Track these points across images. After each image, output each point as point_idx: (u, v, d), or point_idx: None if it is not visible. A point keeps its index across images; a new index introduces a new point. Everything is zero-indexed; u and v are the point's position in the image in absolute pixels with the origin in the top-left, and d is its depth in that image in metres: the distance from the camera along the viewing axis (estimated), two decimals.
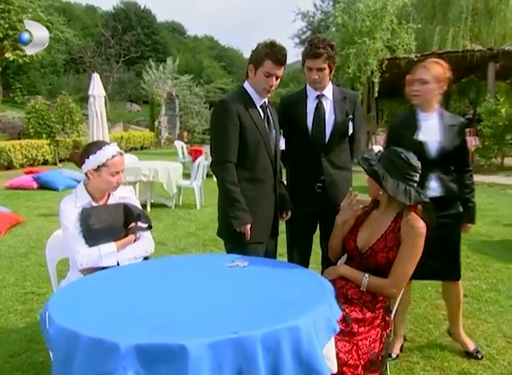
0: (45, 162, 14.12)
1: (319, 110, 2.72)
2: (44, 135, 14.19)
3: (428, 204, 2.17)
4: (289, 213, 2.76)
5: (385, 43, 12.24)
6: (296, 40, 30.25)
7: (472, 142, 12.42)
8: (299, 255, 2.88)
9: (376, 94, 12.65)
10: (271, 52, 2.41)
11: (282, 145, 2.71)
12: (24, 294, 3.83)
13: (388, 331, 2.11)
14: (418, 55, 12.88)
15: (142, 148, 20.30)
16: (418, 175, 2.20)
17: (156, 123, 20.23)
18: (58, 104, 14.95)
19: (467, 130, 12.80)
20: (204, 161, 7.86)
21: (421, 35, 15.30)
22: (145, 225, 2.37)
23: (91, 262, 2.18)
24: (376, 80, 12.34)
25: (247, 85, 2.56)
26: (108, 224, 2.24)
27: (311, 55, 2.60)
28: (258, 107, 2.55)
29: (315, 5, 29.41)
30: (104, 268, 2.21)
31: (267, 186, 2.57)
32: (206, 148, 11.02)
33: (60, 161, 14.57)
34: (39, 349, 2.89)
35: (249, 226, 2.41)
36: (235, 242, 2.47)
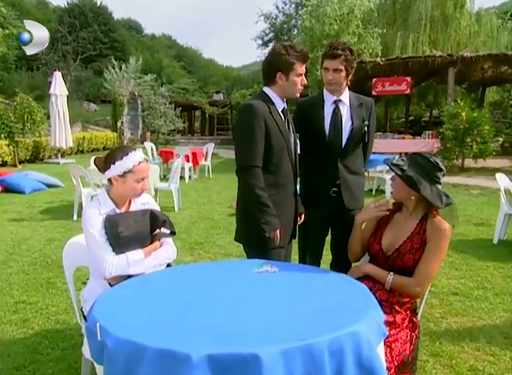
0: (4, 164, 13.50)
1: (336, 115, 2.76)
2: (2, 135, 13.56)
3: (454, 205, 2.26)
4: (303, 217, 2.80)
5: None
6: (259, 41, 30.40)
7: (434, 144, 12.92)
8: (310, 258, 2.92)
9: None
10: (300, 55, 2.49)
11: (298, 150, 2.74)
12: (14, 303, 3.67)
13: (416, 332, 2.17)
14: (384, 59, 13.26)
15: (104, 148, 19.80)
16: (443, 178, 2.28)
17: (119, 124, 19.79)
18: (18, 103, 14.32)
19: (429, 132, 13.22)
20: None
21: (383, 40, 15.70)
22: (168, 231, 2.34)
23: (120, 270, 2.12)
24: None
25: (268, 90, 2.57)
26: (136, 231, 2.19)
27: (329, 56, 2.66)
28: (280, 111, 2.57)
29: (277, 7, 29.64)
30: (129, 276, 2.17)
31: (288, 190, 2.59)
32: (177, 150, 10.89)
33: (20, 162, 13.98)
34: (44, 361, 2.80)
35: (278, 231, 2.43)
36: (258, 247, 2.46)
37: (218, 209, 7.62)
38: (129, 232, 2.16)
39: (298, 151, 2.72)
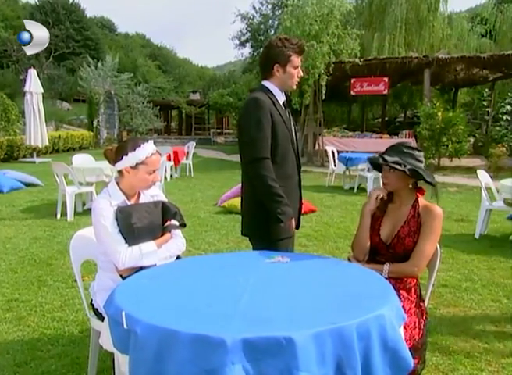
0: None
1: None
2: None
3: (436, 185, 2.39)
4: None
5: (331, 47, 12.64)
6: (236, 41, 30.34)
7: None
8: None
9: (324, 97, 13.03)
10: (296, 47, 2.54)
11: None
12: (6, 301, 3.59)
13: (424, 318, 2.24)
14: (362, 59, 13.46)
15: (80, 148, 19.44)
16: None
17: (95, 123, 19.47)
18: None
19: (406, 131, 13.59)
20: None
21: (359, 41, 15.93)
22: (178, 223, 2.34)
23: (133, 261, 2.11)
24: (323, 83, 12.72)
25: (268, 84, 2.60)
26: (148, 222, 2.18)
27: None
28: (281, 103, 2.61)
29: (254, 8, 29.63)
30: (141, 268, 2.16)
31: (294, 181, 2.65)
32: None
33: None
34: (45, 357, 2.76)
35: (293, 220, 2.48)
36: (267, 239, 2.49)
37: (203, 207, 7.60)
38: (142, 223, 2.16)
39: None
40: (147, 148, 2.21)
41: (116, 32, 65.13)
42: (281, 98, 2.62)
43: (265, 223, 2.45)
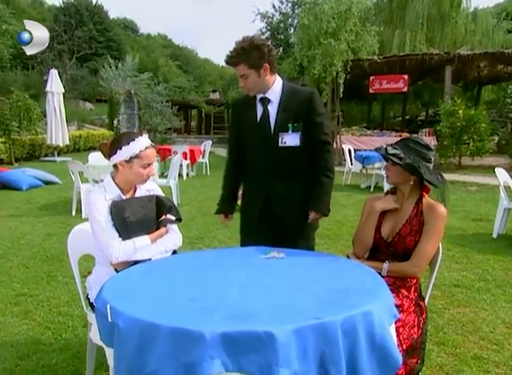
0: (0, 162, 13.43)
1: None
2: None
3: (446, 184, 2.28)
4: (312, 214, 2.63)
5: (350, 44, 12.49)
6: None
7: (431, 142, 12.95)
8: None
9: (342, 95, 12.89)
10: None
11: (291, 141, 2.52)
12: (15, 295, 3.65)
13: (424, 317, 2.17)
14: (381, 57, 13.26)
15: None
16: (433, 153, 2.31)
17: (115, 122, 19.69)
18: (14, 100, 14.19)
19: (426, 130, 13.20)
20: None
21: (379, 38, 15.71)
22: (174, 218, 2.32)
23: (126, 255, 2.11)
24: (341, 81, 12.58)
25: None
26: (142, 216, 2.18)
27: None
28: (257, 102, 2.54)
29: (274, 7, 29.61)
30: (136, 262, 2.15)
31: (260, 184, 2.61)
32: (175, 147, 10.85)
33: (16, 160, 13.88)
34: (48, 351, 2.78)
35: (223, 216, 2.88)
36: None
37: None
38: (136, 217, 2.15)
39: (292, 144, 2.52)
40: (141, 142, 2.20)
41: (138, 33, 65.85)
42: (258, 96, 2.54)
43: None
